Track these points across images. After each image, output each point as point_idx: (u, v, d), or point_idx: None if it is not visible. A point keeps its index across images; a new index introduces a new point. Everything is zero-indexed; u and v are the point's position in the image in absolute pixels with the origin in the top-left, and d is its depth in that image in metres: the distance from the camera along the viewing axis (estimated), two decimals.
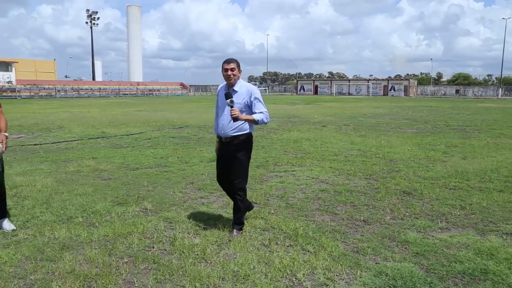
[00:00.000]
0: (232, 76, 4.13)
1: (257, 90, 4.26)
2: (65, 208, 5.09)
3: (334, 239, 4.12)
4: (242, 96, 4.15)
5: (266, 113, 4.19)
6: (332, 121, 17.92)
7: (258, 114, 4.14)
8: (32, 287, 3.19)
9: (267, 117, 4.19)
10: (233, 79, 4.15)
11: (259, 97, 4.19)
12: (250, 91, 4.17)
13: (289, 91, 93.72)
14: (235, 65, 4.14)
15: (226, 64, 4.14)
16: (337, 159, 8.45)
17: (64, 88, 65.45)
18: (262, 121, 4.14)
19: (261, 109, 4.17)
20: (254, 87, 4.28)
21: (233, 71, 4.12)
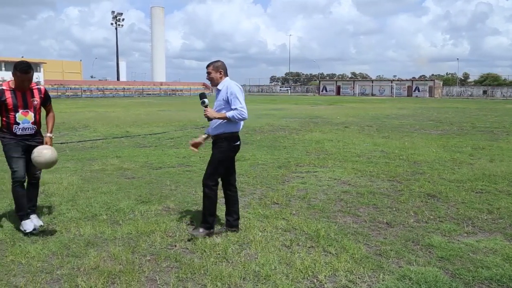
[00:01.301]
0: (210, 79, 4.32)
1: (235, 87, 4.22)
2: (90, 205, 5.20)
3: (356, 241, 4.08)
4: (222, 94, 4.25)
5: (240, 109, 4.13)
6: (355, 122, 17.73)
7: (231, 111, 4.17)
8: (58, 282, 3.27)
9: (241, 113, 4.13)
10: (212, 80, 4.31)
11: (234, 93, 4.17)
12: (227, 87, 4.24)
13: (311, 92, 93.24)
14: (210, 68, 4.30)
15: (206, 68, 4.34)
16: (360, 161, 8.36)
17: (89, 88, 66.90)
18: (233, 117, 4.15)
19: (236, 105, 4.17)
20: (233, 84, 4.27)
21: (209, 74, 4.31)
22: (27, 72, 4.02)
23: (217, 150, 4.31)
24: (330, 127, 15.56)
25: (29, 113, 4.17)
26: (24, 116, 4.15)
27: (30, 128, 4.22)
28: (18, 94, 4.13)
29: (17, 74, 4.00)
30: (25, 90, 4.17)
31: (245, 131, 13.96)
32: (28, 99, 4.17)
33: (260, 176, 6.95)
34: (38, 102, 4.25)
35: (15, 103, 4.10)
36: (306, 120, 18.65)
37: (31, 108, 4.19)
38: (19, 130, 4.15)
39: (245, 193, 5.86)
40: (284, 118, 19.70)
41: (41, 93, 4.31)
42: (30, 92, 4.21)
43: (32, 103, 4.20)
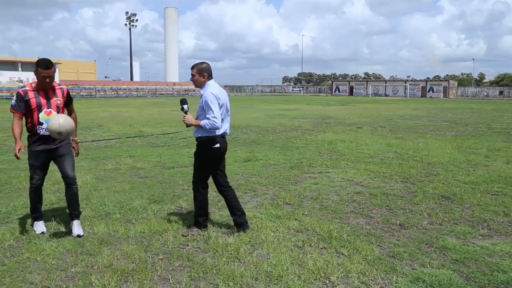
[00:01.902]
0: (193, 82, 4.33)
1: (210, 95, 4.12)
2: (103, 204, 5.26)
3: (369, 242, 4.05)
4: (201, 100, 4.25)
5: (212, 119, 4.06)
6: (368, 123, 17.61)
7: (204, 120, 4.14)
8: (73, 279, 3.31)
9: (212, 122, 4.06)
10: (195, 83, 4.33)
11: (208, 102, 4.10)
12: (204, 95, 4.19)
13: (324, 92, 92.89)
14: (194, 71, 4.30)
15: (191, 70, 4.34)
16: (373, 161, 8.30)
17: (103, 88, 67.56)
18: (204, 126, 4.11)
19: (208, 115, 4.10)
20: (208, 91, 4.17)
21: (193, 76, 4.30)
22: (47, 67, 4.01)
23: (196, 154, 4.39)
24: (342, 127, 15.48)
25: (52, 113, 4.15)
26: (47, 116, 4.12)
27: None
28: (41, 93, 4.12)
29: (38, 70, 3.99)
30: (48, 90, 4.15)
31: (257, 131, 13.98)
32: (51, 99, 4.16)
33: (272, 176, 6.95)
34: (61, 102, 4.23)
35: (38, 103, 4.09)
36: (318, 121, 18.58)
37: (54, 108, 4.17)
38: (42, 130, 4.13)
39: (258, 193, 5.86)
40: (296, 119, 19.66)
41: (63, 93, 4.29)
42: (53, 92, 4.20)
43: (55, 103, 4.18)
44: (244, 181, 6.58)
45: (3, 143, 11.29)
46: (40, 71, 3.99)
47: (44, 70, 4.00)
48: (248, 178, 6.82)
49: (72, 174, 4.26)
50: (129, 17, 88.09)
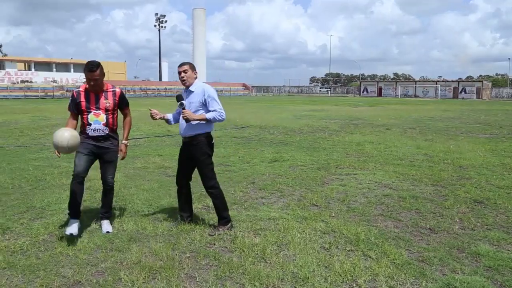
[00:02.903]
0: (186, 78, 4.26)
1: (211, 89, 4.33)
2: (132, 202, 5.36)
3: (397, 246, 3.98)
4: (197, 96, 4.25)
5: (219, 110, 4.24)
6: (397, 124, 17.29)
7: (210, 112, 4.24)
8: (102, 274, 3.39)
9: (221, 114, 4.24)
10: (187, 80, 4.27)
11: (212, 95, 4.26)
12: (204, 90, 4.27)
13: (351, 93, 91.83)
14: (187, 67, 4.27)
15: (179, 68, 4.30)
16: (402, 164, 8.14)
17: (133, 88, 68.95)
18: (214, 119, 4.23)
19: (215, 107, 4.24)
20: (209, 86, 4.35)
21: (186, 73, 4.25)
22: (91, 70, 4.05)
23: (199, 152, 4.31)
24: (371, 129, 15.25)
25: (100, 115, 4.21)
26: (95, 117, 4.20)
27: (101, 129, 4.23)
28: (92, 95, 4.20)
29: (85, 73, 4.07)
30: (99, 92, 4.22)
31: (284, 132, 13.95)
32: (101, 101, 4.22)
33: (299, 177, 6.92)
34: (110, 104, 4.26)
35: (87, 104, 4.18)
36: (346, 122, 18.37)
37: (103, 110, 4.23)
38: (90, 131, 4.21)
39: (284, 194, 5.84)
40: (323, 119, 19.51)
41: (115, 96, 4.32)
42: (104, 94, 4.25)
43: (105, 105, 4.23)
44: (270, 181, 6.58)
45: (38, 141, 11.68)
46: (86, 74, 4.07)
47: (88, 72, 4.05)
48: (275, 178, 6.81)
49: (111, 181, 4.40)
50: (159, 18, 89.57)
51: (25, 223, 4.59)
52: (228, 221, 4.41)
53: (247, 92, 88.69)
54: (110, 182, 4.41)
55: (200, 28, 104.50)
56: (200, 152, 4.31)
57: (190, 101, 4.24)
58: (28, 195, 5.73)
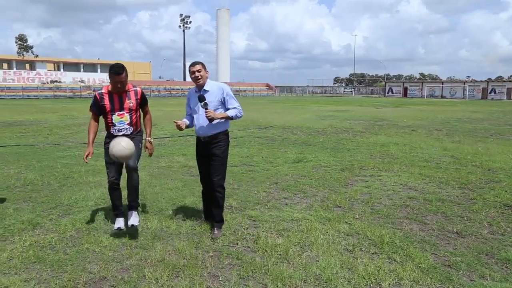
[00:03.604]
0: (200, 77, 4.22)
1: (228, 87, 4.38)
2: (157, 200, 5.43)
3: (423, 250, 3.90)
4: (214, 95, 4.25)
5: (239, 107, 4.31)
6: (423, 125, 16.96)
7: (231, 110, 4.27)
8: (127, 271, 3.45)
9: (240, 111, 4.33)
10: (201, 80, 4.24)
11: (230, 93, 4.32)
12: (221, 88, 4.29)
13: (376, 93, 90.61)
14: (200, 66, 4.25)
15: (192, 67, 4.25)
16: (428, 166, 7.98)
17: (157, 88, 70.00)
18: (236, 116, 4.28)
19: (234, 105, 4.29)
20: (224, 84, 4.39)
21: (199, 72, 4.22)
22: (118, 73, 4.13)
23: (219, 149, 4.32)
24: (396, 130, 15.01)
25: (124, 115, 4.30)
26: (120, 118, 4.29)
27: (125, 129, 4.33)
28: (115, 96, 4.28)
29: (110, 75, 4.15)
30: (121, 93, 4.30)
31: (307, 132, 13.89)
32: (124, 101, 4.30)
33: (322, 178, 6.87)
34: (134, 104, 4.34)
35: (111, 106, 4.27)
36: (370, 123, 18.14)
37: (126, 110, 4.31)
38: (115, 131, 4.31)
39: (307, 195, 5.82)
40: (347, 120, 19.32)
41: (137, 95, 4.41)
42: (127, 95, 4.33)
43: (128, 105, 4.31)
44: (293, 182, 6.56)
45: (66, 139, 11.98)
46: (111, 77, 4.14)
47: (115, 75, 4.13)
48: (298, 179, 6.78)
49: (133, 164, 4.26)
50: (183, 19, 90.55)
51: (53, 219, 4.72)
52: (223, 224, 4.42)
53: (271, 92, 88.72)
54: (132, 164, 4.24)
55: (224, 29, 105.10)
56: (220, 150, 4.34)
57: (208, 100, 4.22)
58: (57, 192, 5.89)
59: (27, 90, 59.21)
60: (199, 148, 4.48)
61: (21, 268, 3.48)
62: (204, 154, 4.41)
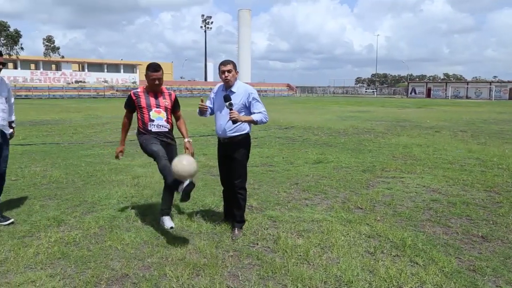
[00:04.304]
0: (230, 78, 4.15)
1: (255, 91, 4.30)
2: (178, 199, 5.47)
3: (446, 253, 3.82)
4: (240, 97, 4.17)
5: (264, 112, 4.22)
6: (447, 126, 16.62)
7: (257, 114, 4.17)
8: (149, 269, 3.49)
9: (266, 116, 4.24)
10: (230, 81, 4.17)
11: (257, 98, 4.22)
12: (248, 92, 4.21)
13: (399, 94, 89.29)
14: (231, 66, 4.17)
15: (223, 66, 4.17)
16: (452, 168, 7.82)
17: (179, 88, 70.67)
18: (261, 121, 4.18)
19: (260, 109, 4.19)
20: (251, 87, 4.29)
21: (229, 72, 4.15)
22: (156, 70, 4.24)
23: (239, 153, 4.28)
24: (418, 131, 14.76)
25: (161, 112, 4.37)
26: (157, 114, 4.35)
27: (164, 125, 4.38)
28: (151, 95, 4.37)
29: (148, 73, 4.24)
30: (157, 92, 4.39)
31: (328, 133, 13.79)
32: (160, 100, 4.38)
33: (343, 179, 6.81)
34: (169, 104, 4.43)
35: (148, 102, 4.34)
36: (392, 123, 17.89)
37: (162, 108, 4.38)
38: (154, 127, 4.34)
39: (328, 196, 5.78)
40: (369, 121, 19.10)
41: (171, 97, 4.49)
42: (162, 95, 4.42)
43: (164, 104, 4.40)
44: (314, 183, 6.52)
45: (90, 138, 12.22)
46: (150, 74, 4.23)
47: (153, 73, 4.22)
48: (319, 180, 6.74)
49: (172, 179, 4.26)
50: (205, 20, 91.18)
51: (77, 216, 4.82)
52: (243, 225, 4.42)
53: (291, 92, 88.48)
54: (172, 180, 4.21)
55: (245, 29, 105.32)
56: (240, 153, 4.30)
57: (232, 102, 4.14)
58: (81, 190, 6.01)
59: (53, 90, 60.67)
60: (219, 149, 4.49)
61: (46, 263, 3.57)
62: (224, 155, 4.40)
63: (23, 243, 4.00)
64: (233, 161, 4.30)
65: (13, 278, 3.29)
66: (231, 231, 4.30)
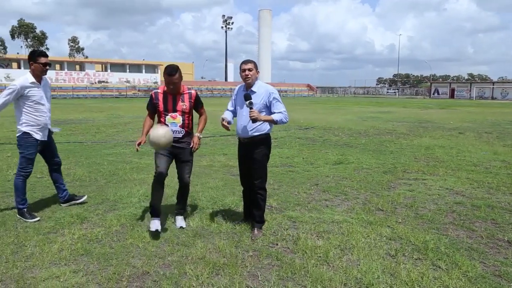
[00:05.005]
0: (250, 76, 4.13)
1: (275, 90, 4.26)
2: (198, 199, 5.52)
3: (470, 258, 3.74)
4: (260, 97, 4.14)
5: (285, 112, 4.19)
6: (471, 128, 16.26)
7: (277, 114, 4.14)
8: (169, 267, 3.53)
9: (286, 116, 4.21)
10: (251, 79, 4.15)
11: (277, 97, 4.19)
12: (268, 91, 4.18)
13: (421, 94, 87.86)
14: (252, 65, 4.15)
15: (244, 65, 4.16)
16: (476, 170, 7.65)
17: (199, 88, 71.15)
18: (281, 121, 4.15)
19: (280, 109, 4.17)
20: (272, 87, 4.26)
21: (250, 71, 4.13)
22: (171, 74, 4.18)
23: (259, 153, 4.25)
24: (441, 132, 14.49)
25: (177, 117, 4.35)
26: (172, 119, 4.34)
27: (177, 131, 4.32)
28: (169, 97, 4.34)
29: (164, 76, 4.22)
30: (176, 94, 4.35)
31: (349, 134, 13.67)
32: (178, 103, 4.34)
33: (364, 180, 6.74)
34: (187, 107, 4.38)
35: (165, 107, 4.33)
36: (414, 124, 17.60)
37: (179, 112, 4.36)
38: None
39: (348, 197, 5.72)
40: (390, 122, 18.85)
41: (191, 97, 4.44)
42: (181, 97, 4.37)
43: (181, 107, 4.36)
44: (334, 184, 6.47)
45: (112, 137, 12.42)
46: (165, 77, 4.21)
47: (167, 76, 4.19)
48: (339, 181, 6.69)
49: (187, 179, 4.51)
50: (225, 20, 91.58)
51: (100, 214, 4.91)
52: (263, 225, 4.42)
53: (312, 93, 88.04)
54: (187, 180, 4.52)
55: (265, 29, 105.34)
56: (260, 153, 4.28)
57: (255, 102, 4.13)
58: (103, 188, 6.11)
59: (77, 90, 61.91)
60: (240, 148, 4.49)
61: (70, 259, 3.64)
62: (244, 155, 4.40)
63: (48, 239, 4.10)
64: (253, 162, 4.29)
65: (39, 273, 3.37)
66: (250, 231, 4.31)
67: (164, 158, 4.35)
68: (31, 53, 4.74)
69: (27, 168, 4.84)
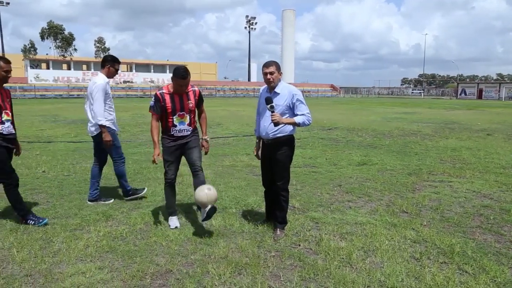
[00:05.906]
0: (272, 80, 4.11)
1: (299, 92, 4.21)
2: (221, 198, 5.55)
3: (498, 262, 3.64)
4: (284, 98, 4.11)
5: (308, 114, 4.16)
6: (500, 129, 15.81)
7: (299, 116, 4.12)
8: (192, 266, 3.56)
9: (309, 118, 4.17)
10: (273, 82, 4.13)
11: (301, 99, 4.16)
12: (292, 93, 4.14)
13: (447, 95, 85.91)
14: (274, 68, 4.12)
15: (266, 68, 4.14)
16: (505, 173, 7.43)
17: (223, 88, 71.61)
18: (303, 123, 4.12)
19: (303, 111, 4.13)
20: (296, 88, 4.22)
21: (272, 74, 4.11)
22: (183, 77, 4.22)
23: (282, 155, 4.25)
24: (468, 133, 14.14)
25: (185, 116, 4.42)
26: (181, 119, 4.41)
27: (186, 129, 4.45)
28: (176, 97, 4.37)
29: (175, 79, 4.25)
30: (183, 94, 4.40)
31: (373, 135, 13.50)
32: (185, 102, 4.40)
33: (388, 182, 6.64)
34: (193, 105, 4.45)
35: (173, 107, 4.36)
36: (440, 126, 17.23)
37: (186, 111, 4.42)
38: (176, 132, 4.43)
39: (372, 199, 5.65)
40: (415, 123, 18.51)
41: (195, 95, 4.49)
42: (186, 95, 4.42)
43: (188, 106, 4.42)
44: (358, 185, 6.41)
45: (137, 136, 12.62)
46: (176, 80, 4.23)
47: (179, 79, 4.22)
48: (363, 182, 6.62)
49: (198, 163, 4.51)
50: (249, 21, 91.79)
51: (124, 212, 5.00)
52: (285, 226, 4.41)
53: (335, 93, 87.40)
54: (198, 163, 4.49)
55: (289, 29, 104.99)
56: (283, 154, 4.27)
57: (276, 103, 4.11)
58: None
59: None
60: (263, 149, 4.49)
61: (95, 256, 3.72)
62: (267, 156, 4.39)
63: (74, 235, 4.20)
64: (276, 163, 4.28)
65: (65, 269, 3.46)
66: (273, 231, 4.30)
67: (173, 164, 4.51)
68: (112, 58, 5.38)
69: (122, 154, 5.54)
